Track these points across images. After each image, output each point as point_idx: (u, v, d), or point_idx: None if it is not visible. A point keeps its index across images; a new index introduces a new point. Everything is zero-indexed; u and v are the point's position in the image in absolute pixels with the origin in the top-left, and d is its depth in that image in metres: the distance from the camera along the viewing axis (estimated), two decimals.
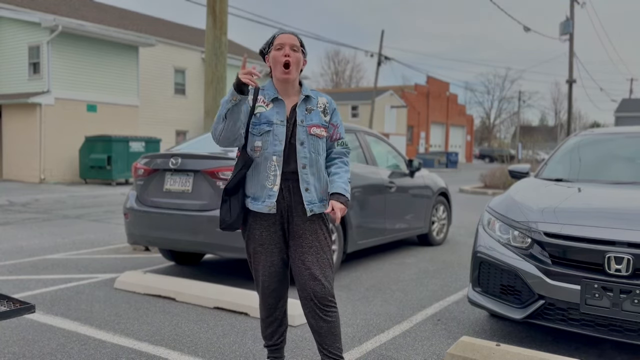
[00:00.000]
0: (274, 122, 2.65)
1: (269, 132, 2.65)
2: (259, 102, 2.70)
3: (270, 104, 2.69)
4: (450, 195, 7.71)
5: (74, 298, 4.64)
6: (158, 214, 5.02)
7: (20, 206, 11.61)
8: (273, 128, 2.65)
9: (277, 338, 2.93)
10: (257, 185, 2.68)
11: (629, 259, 3.09)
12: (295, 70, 2.66)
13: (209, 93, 8.32)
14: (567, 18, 25.87)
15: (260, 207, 2.67)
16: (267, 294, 2.82)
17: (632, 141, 4.77)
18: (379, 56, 32.16)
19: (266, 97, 2.71)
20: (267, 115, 2.66)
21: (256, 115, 2.68)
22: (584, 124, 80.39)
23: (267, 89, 2.74)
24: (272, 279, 2.79)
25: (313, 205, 2.69)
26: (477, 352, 3.10)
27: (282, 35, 2.67)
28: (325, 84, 69.73)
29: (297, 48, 2.67)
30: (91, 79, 19.52)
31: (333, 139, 2.81)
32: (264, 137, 2.65)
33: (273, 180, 2.65)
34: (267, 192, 2.65)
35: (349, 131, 6.13)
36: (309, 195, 2.68)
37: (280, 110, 2.68)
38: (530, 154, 25.89)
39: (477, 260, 3.74)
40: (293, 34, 2.70)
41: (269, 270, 2.77)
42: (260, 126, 2.66)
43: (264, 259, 2.76)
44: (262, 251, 2.75)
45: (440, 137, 52.72)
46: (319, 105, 2.75)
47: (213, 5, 8.24)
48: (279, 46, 2.65)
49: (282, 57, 2.62)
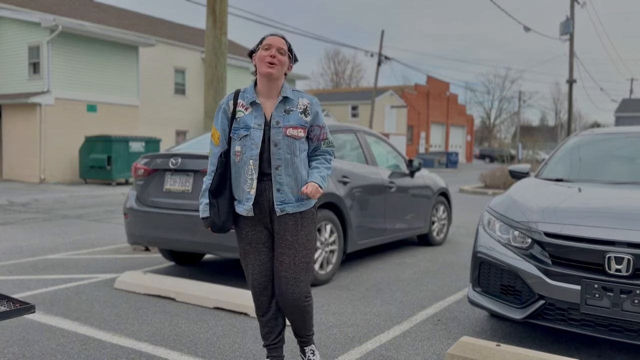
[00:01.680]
0: (251, 126, 2.73)
1: (246, 137, 2.73)
2: (239, 106, 2.79)
3: (249, 108, 2.77)
4: (450, 195, 7.71)
5: (74, 298, 4.64)
6: (158, 214, 5.02)
7: (20, 206, 11.61)
8: (250, 132, 2.73)
9: (274, 337, 2.94)
10: (239, 189, 2.79)
11: (629, 259, 3.09)
12: (280, 69, 2.72)
13: (209, 93, 8.32)
14: (567, 18, 25.87)
15: (241, 210, 2.79)
16: (259, 292, 2.89)
17: (632, 141, 4.77)
18: (379, 56, 32.16)
19: (245, 100, 2.79)
20: (245, 120, 2.75)
21: (237, 119, 2.78)
22: (584, 124, 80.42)
23: (247, 92, 2.81)
24: (262, 277, 2.86)
25: (285, 205, 2.75)
26: (477, 352, 3.10)
27: (271, 37, 2.74)
28: (325, 84, 69.74)
29: (284, 52, 2.74)
30: (91, 79, 19.52)
31: (320, 139, 2.88)
32: (242, 142, 2.74)
33: (250, 184, 2.74)
34: (246, 196, 2.76)
35: (349, 131, 6.13)
36: (281, 195, 2.74)
37: (258, 114, 2.75)
38: (530, 154, 25.91)
39: (477, 260, 3.74)
40: (282, 38, 2.77)
41: (259, 269, 2.85)
42: (239, 131, 2.75)
43: (252, 257, 2.85)
44: (250, 250, 2.85)
45: (441, 137, 52.71)
46: (299, 106, 2.80)
47: (213, 5, 8.24)
48: (266, 46, 2.72)
49: (268, 57, 2.70)
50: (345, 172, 5.53)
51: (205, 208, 2.82)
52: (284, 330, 3.00)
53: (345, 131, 6.07)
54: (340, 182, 5.41)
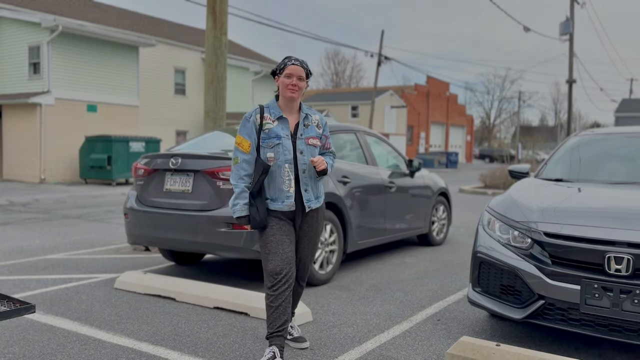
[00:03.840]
0: (282, 135, 3.21)
1: (279, 145, 3.20)
2: (266, 119, 3.25)
3: (276, 121, 3.24)
4: (450, 195, 7.71)
5: (74, 298, 4.64)
6: (158, 214, 5.02)
7: (20, 206, 11.62)
8: (282, 141, 3.20)
9: (282, 322, 3.14)
10: (275, 189, 3.23)
11: (629, 259, 3.09)
12: (299, 93, 3.26)
13: (209, 93, 8.32)
14: (567, 18, 25.86)
15: (281, 206, 3.23)
16: (289, 276, 3.19)
17: (632, 141, 4.77)
18: (379, 56, 32.16)
19: (272, 114, 3.26)
20: (276, 131, 3.22)
21: (265, 130, 3.22)
22: (584, 124, 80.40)
23: (272, 108, 3.28)
24: (289, 264, 3.20)
25: (310, 202, 3.31)
26: (477, 352, 3.10)
27: (292, 67, 3.22)
28: (325, 84, 69.74)
29: (303, 78, 3.25)
30: (91, 79, 19.52)
31: (325, 148, 3.47)
32: (275, 149, 3.20)
33: (289, 184, 3.22)
34: (285, 194, 3.22)
35: (349, 131, 6.13)
36: (307, 194, 3.29)
37: (285, 126, 3.25)
38: (530, 154, 25.92)
39: (477, 260, 3.74)
40: (301, 66, 3.23)
41: (286, 256, 3.21)
42: (270, 140, 3.20)
43: (274, 248, 3.20)
44: (273, 241, 3.21)
45: (440, 137, 52.71)
46: (314, 121, 3.38)
47: (213, 5, 8.24)
48: (288, 75, 3.21)
49: (290, 85, 3.21)
50: (345, 172, 5.54)
51: (243, 208, 3.21)
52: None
53: (346, 131, 6.07)
54: (340, 182, 5.41)
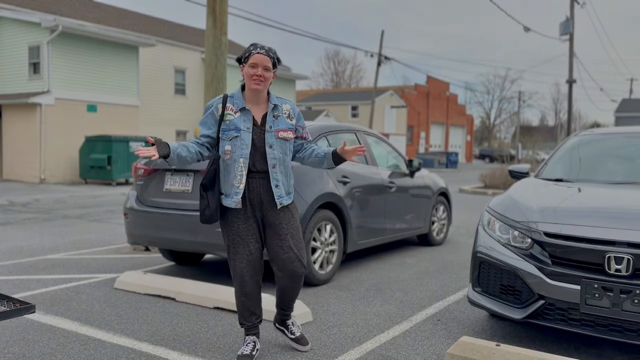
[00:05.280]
0: (241, 128, 3.08)
1: (237, 138, 3.08)
2: (228, 109, 3.12)
3: (238, 112, 3.11)
4: (450, 195, 7.71)
5: (74, 298, 4.64)
6: (158, 214, 5.02)
7: (20, 206, 11.62)
8: (240, 134, 3.07)
9: (256, 318, 3.29)
10: (228, 184, 3.13)
11: (629, 259, 3.09)
12: (265, 84, 3.09)
13: (209, 93, 8.32)
14: (567, 18, 25.86)
15: (229, 202, 3.12)
16: (249, 277, 3.20)
17: (632, 141, 4.77)
18: (379, 56, 32.15)
19: (234, 105, 3.13)
20: (235, 123, 3.10)
21: (226, 121, 3.11)
22: (584, 124, 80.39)
23: (236, 98, 3.14)
24: (250, 265, 3.18)
25: (282, 198, 3.17)
26: (477, 352, 3.10)
27: (257, 56, 3.05)
28: (325, 84, 69.75)
29: (269, 68, 3.09)
30: (91, 79, 19.52)
31: (304, 138, 3.32)
32: (232, 142, 3.08)
33: (240, 180, 3.09)
34: (235, 190, 3.10)
35: (349, 131, 6.13)
36: (278, 190, 3.15)
37: (247, 118, 3.11)
38: (530, 154, 25.91)
39: (477, 260, 3.74)
40: (267, 55, 3.06)
41: (248, 257, 3.17)
42: (229, 132, 3.09)
43: (241, 249, 3.17)
44: (240, 242, 3.17)
45: (440, 137, 52.72)
46: (284, 112, 3.20)
47: (213, 5, 8.24)
48: (253, 64, 3.05)
49: (255, 76, 3.05)
50: (345, 172, 5.54)
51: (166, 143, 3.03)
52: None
53: (346, 131, 6.07)
54: (340, 182, 5.41)
